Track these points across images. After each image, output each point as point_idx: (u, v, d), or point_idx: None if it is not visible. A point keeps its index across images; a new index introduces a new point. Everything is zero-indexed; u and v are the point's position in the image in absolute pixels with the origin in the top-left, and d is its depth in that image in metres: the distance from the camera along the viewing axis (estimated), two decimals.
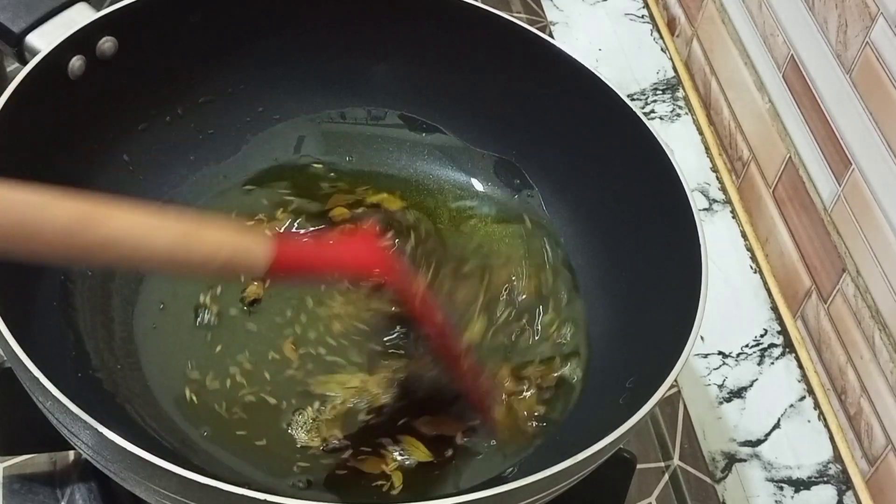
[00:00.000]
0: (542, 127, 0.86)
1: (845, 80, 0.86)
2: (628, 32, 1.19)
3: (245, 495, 0.56)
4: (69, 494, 0.76)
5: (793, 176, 0.95)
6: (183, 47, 0.80)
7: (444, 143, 0.89)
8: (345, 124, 0.89)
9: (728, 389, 0.92)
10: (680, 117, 1.11)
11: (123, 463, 0.59)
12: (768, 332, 0.96)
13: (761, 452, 0.88)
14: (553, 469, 0.60)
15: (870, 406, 0.86)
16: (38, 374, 0.59)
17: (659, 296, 0.76)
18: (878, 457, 0.85)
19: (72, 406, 0.58)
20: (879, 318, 0.84)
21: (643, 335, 0.76)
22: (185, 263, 0.60)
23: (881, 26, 0.81)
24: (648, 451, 0.85)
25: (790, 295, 0.97)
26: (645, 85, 1.14)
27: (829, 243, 0.90)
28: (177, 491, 0.58)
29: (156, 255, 0.58)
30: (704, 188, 1.06)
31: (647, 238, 0.79)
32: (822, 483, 0.87)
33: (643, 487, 0.83)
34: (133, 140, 0.80)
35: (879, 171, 0.83)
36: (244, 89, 0.85)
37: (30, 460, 0.77)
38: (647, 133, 0.78)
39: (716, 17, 1.07)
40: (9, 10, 0.74)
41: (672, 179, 0.76)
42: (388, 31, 0.85)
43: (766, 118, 0.99)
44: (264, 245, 0.63)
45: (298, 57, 0.86)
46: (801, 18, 0.92)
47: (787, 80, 0.95)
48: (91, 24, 0.74)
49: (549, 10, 1.20)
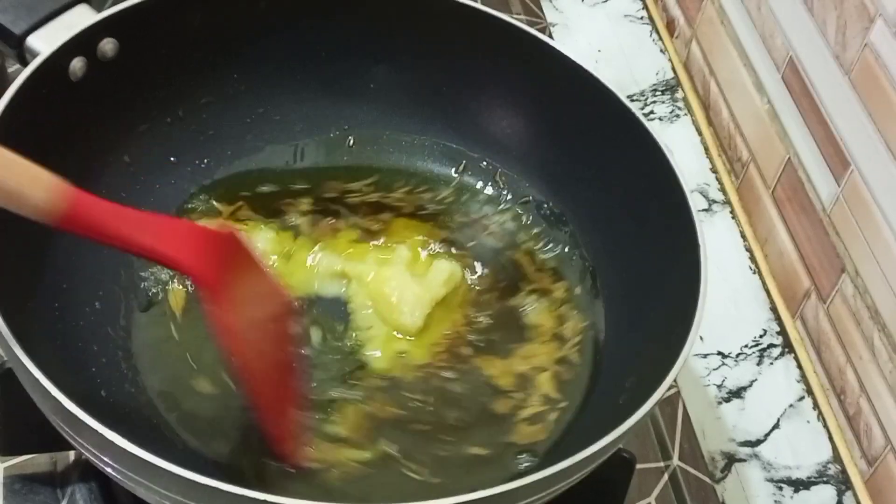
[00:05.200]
0: (541, 128, 0.86)
1: (844, 81, 0.86)
2: (627, 34, 1.19)
3: (245, 495, 0.56)
4: (69, 494, 0.76)
5: (792, 177, 0.95)
6: (184, 49, 0.81)
7: (444, 143, 0.89)
8: (345, 124, 0.89)
9: (727, 389, 0.92)
10: (679, 118, 1.12)
11: (123, 463, 0.59)
12: (767, 332, 0.96)
13: (761, 452, 0.88)
14: (553, 469, 0.60)
15: (869, 406, 0.86)
16: (38, 375, 0.59)
17: (658, 296, 0.76)
18: (878, 457, 0.85)
19: (72, 407, 0.58)
20: (878, 319, 0.84)
21: (642, 335, 0.76)
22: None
23: (880, 27, 0.81)
24: (648, 452, 0.85)
25: (789, 295, 0.97)
26: (644, 86, 1.14)
27: (828, 244, 0.90)
28: (177, 491, 0.58)
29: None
30: (704, 189, 1.06)
31: (646, 239, 0.79)
32: (821, 483, 0.87)
33: (643, 487, 0.83)
34: (134, 141, 0.80)
35: (878, 171, 0.83)
36: (245, 90, 0.85)
37: (30, 460, 0.77)
38: (647, 134, 0.78)
39: (715, 19, 1.08)
40: (10, 11, 0.74)
41: (671, 180, 0.76)
42: (388, 32, 0.85)
43: (765, 119, 0.99)
44: (55, 187, 0.60)
45: (298, 57, 0.86)
46: (800, 19, 0.92)
47: (787, 81, 0.96)
48: (92, 26, 0.74)
49: (549, 11, 1.20)
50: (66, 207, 0.61)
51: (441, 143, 0.89)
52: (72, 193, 0.61)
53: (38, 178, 0.60)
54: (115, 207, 0.64)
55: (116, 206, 0.64)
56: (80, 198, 0.62)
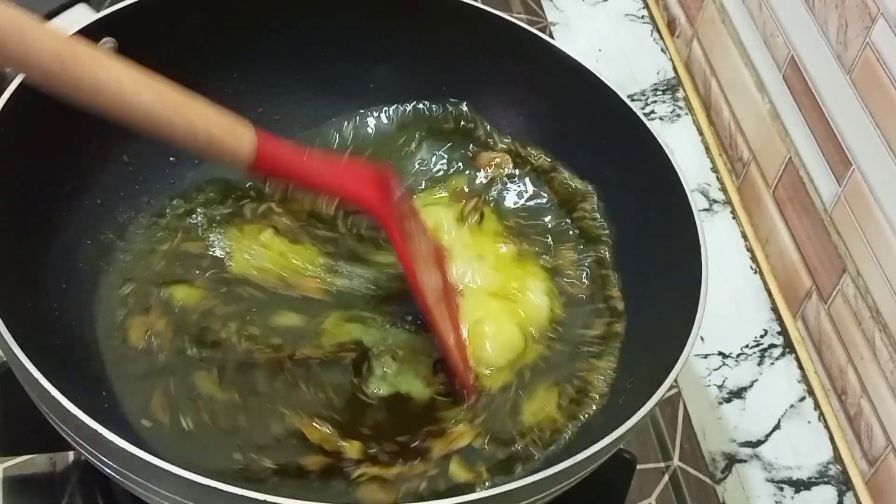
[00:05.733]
0: (542, 127, 0.86)
1: (845, 80, 0.86)
2: (628, 33, 1.19)
3: (245, 496, 0.56)
4: (69, 494, 0.76)
5: (793, 176, 0.95)
6: (183, 48, 0.80)
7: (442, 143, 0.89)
8: (344, 125, 0.89)
9: (728, 390, 0.92)
10: (680, 118, 1.11)
11: (123, 463, 0.59)
12: (768, 332, 0.96)
13: (761, 453, 0.88)
14: (553, 469, 0.60)
15: (870, 407, 0.86)
16: (37, 375, 0.59)
17: (659, 296, 0.76)
18: (879, 457, 0.85)
19: (71, 407, 0.58)
20: (880, 319, 0.84)
21: (643, 335, 0.76)
22: (168, 127, 0.61)
23: (881, 27, 0.81)
24: (648, 452, 0.85)
25: (790, 295, 0.97)
26: (645, 85, 1.14)
27: (829, 244, 0.90)
28: (177, 491, 0.58)
29: (138, 110, 0.60)
30: (705, 189, 1.06)
31: (647, 238, 0.79)
32: (822, 484, 0.87)
33: (643, 488, 0.83)
34: (133, 141, 0.80)
35: (880, 171, 0.83)
36: (244, 90, 0.85)
37: (30, 460, 0.77)
38: (648, 134, 0.78)
39: (716, 18, 1.07)
40: None
41: (672, 180, 0.76)
42: (388, 31, 0.85)
43: (766, 119, 0.99)
44: (249, 133, 0.64)
45: (298, 57, 0.86)
46: (802, 19, 0.92)
47: (788, 81, 0.95)
48: (91, 25, 0.74)
49: (550, 10, 1.20)
50: (258, 152, 0.64)
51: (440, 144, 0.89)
52: (261, 138, 0.65)
53: (239, 129, 0.64)
54: (295, 152, 0.69)
55: (296, 150, 0.69)
56: (264, 143, 0.65)
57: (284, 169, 0.68)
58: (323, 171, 0.71)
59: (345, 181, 0.71)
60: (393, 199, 0.73)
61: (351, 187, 0.71)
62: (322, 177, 0.70)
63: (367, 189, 0.71)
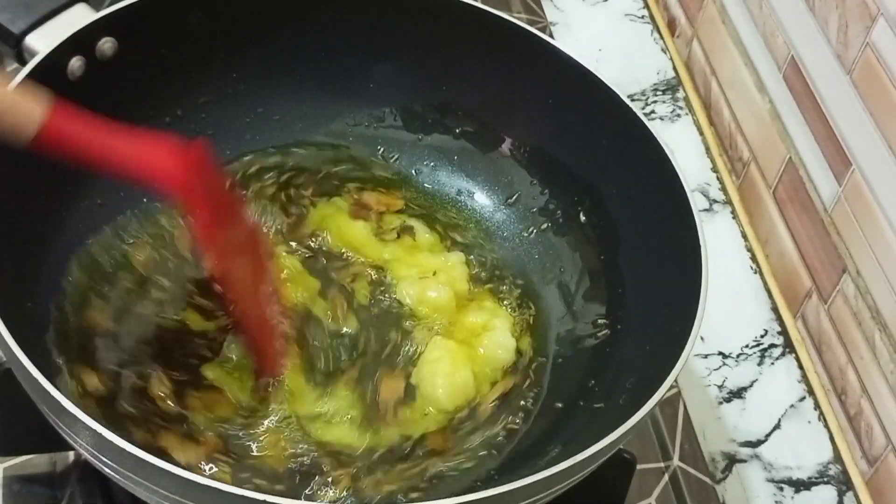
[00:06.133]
0: (542, 127, 0.86)
1: (846, 80, 0.86)
2: (628, 33, 1.19)
3: (245, 496, 0.56)
4: (69, 494, 0.76)
5: (793, 176, 0.95)
6: (183, 48, 0.80)
7: (443, 144, 0.89)
8: (344, 125, 0.89)
9: (728, 390, 0.92)
10: (680, 118, 1.11)
11: (123, 463, 0.59)
12: (768, 332, 0.96)
13: (761, 453, 0.88)
14: (553, 469, 0.60)
15: (870, 407, 0.86)
16: (37, 376, 0.59)
17: (659, 296, 0.76)
18: (878, 457, 0.85)
19: (71, 407, 0.58)
20: (880, 319, 0.84)
21: (643, 335, 0.76)
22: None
23: (881, 27, 0.81)
24: (648, 452, 0.85)
25: (790, 295, 0.97)
26: (645, 85, 1.14)
27: (829, 244, 0.90)
28: (176, 491, 0.58)
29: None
30: (705, 189, 1.06)
31: (647, 238, 0.79)
32: (822, 484, 0.87)
33: (643, 488, 0.83)
34: None
35: (880, 171, 0.83)
36: (244, 90, 0.85)
37: (30, 460, 0.77)
38: (648, 134, 0.78)
39: (716, 18, 1.07)
40: (8, 10, 0.74)
41: (672, 180, 0.76)
42: (388, 31, 0.85)
43: (766, 119, 0.99)
44: (39, 104, 0.61)
45: (298, 57, 0.86)
46: (802, 19, 0.92)
47: (788, 81, 0.95)
48: (91, 25, 0.74)
49: (550, 10, 1.20)
50: (46, 124, 0.61)
51: (439, 143, 0.89)
52: (51, 109, 0.61)
53: (25, 100, 0.61)
54: (89, 126, 0.64)
55: (91, 123, 0.64)
56: (55, 118, 0.62)
57: (74, 143, 0.64)
58: (118, 144, 0.66)
59: (143, 153, 0.66)
60: (199, 175, 0.68)
61: (149, 160, 0.66)
62: (116, 150, 0.66)
63: (167, 162, 0.66)
